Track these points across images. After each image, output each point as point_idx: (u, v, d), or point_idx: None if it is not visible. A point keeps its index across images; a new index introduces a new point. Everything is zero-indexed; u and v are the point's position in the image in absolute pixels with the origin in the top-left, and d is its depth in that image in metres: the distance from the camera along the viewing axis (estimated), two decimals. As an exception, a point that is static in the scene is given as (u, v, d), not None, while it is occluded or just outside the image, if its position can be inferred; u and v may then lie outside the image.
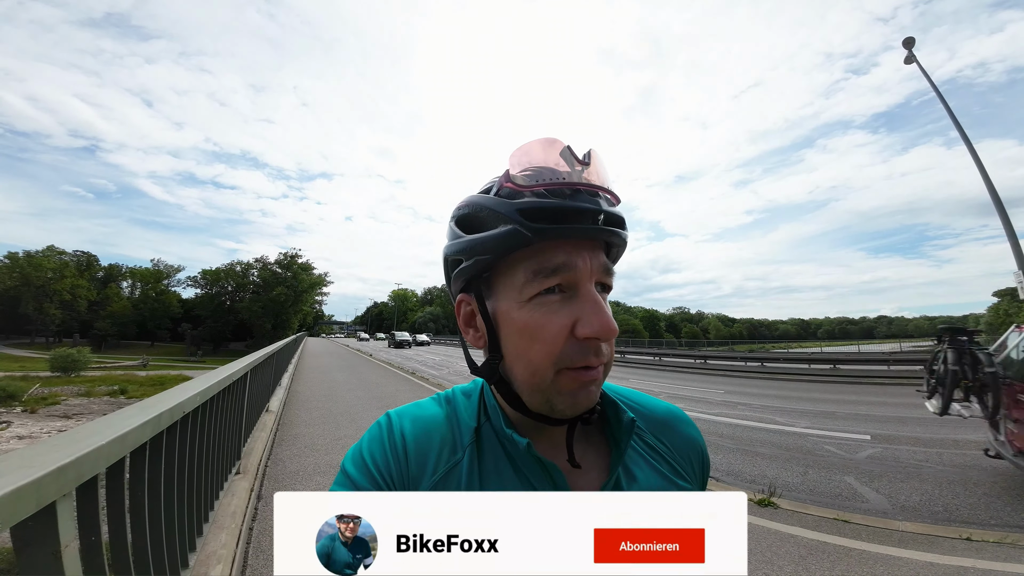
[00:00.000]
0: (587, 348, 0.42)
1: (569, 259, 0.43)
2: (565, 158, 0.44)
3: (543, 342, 0.43)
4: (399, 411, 0.52)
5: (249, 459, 3.52)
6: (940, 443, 5.43)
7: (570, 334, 0.42)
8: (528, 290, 0.44)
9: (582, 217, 0.43)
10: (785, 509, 3.33)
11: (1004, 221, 13.29)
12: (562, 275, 0.43)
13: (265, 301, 64.34)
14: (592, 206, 0.43)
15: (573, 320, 0.43)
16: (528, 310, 0.44)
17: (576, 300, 0.43)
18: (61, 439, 0.92)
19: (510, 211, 0.43)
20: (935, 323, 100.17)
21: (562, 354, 0.43)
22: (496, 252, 0.44)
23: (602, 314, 0.42)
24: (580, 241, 0.44)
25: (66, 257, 64.87)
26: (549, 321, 0.43)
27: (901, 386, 11.42)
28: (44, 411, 18.04)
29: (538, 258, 0.43)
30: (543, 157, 0.45)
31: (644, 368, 18.16)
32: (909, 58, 13.41)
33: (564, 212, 0.42)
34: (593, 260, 0.44)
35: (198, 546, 1.90)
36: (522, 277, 0.44)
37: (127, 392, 22.01)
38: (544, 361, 0.43)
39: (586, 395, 0.44)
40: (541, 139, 0.46)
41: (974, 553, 2.63)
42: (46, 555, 0.72)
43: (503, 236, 0.43)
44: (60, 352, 29.61)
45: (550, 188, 0.43)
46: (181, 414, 1.57)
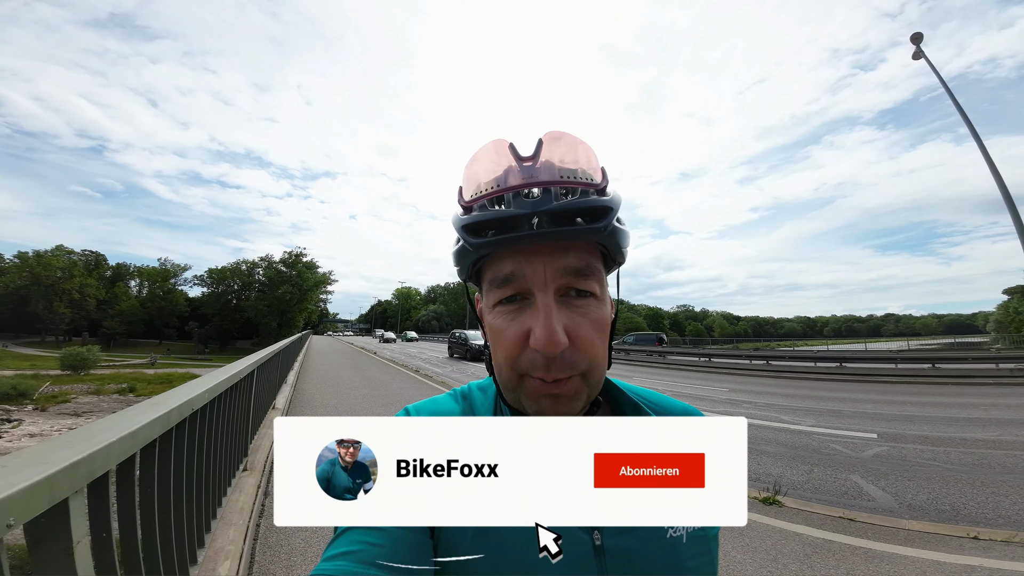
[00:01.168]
0: (539, 359, 0.41)
1: (517, 268, 0.42)
2: (514, 156, 0.44)
3: (503, 348, 0.44)
4: (417, 406, 0.53)
5: (256, 456, 3.55)
6: (948, 442, 5.39)
7: (525, 342, 0.42)
8: (490, 298, 0.45)
9: (517, 224, 0.41)
10: (790, 507, 3.32)
11: (1014, 217, 13.10)
12: (513, 285, 0.43)
13: (271, 299, 64.82)
14: (524, 211, 0.40)
15: (527, 329, 0.42)
16: (494, 316, 0.45)
17: (531, 310, 0.43)
18: (72, 436, 0.93)
19: (458, 228, 0.45)
20: (943, 321, 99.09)
21: (519, 361, 0.43)
22: (461, 266, 0.47)
23: (547, 328, 0.40)
24: (533, 246, 0.42)
25: (75, 256, 65.63)
26: (507, 328, 0.43)
27: (909, 384, 11.34)
28: (55, 409, 18.31)
29: (493, 268, 0.45)
30: (492, 162, 0.44)
31: (647, 367, 18.10)
32: (917, 54, 13.23)
33: (501, 222, 0.41)
34: (549, 266, 0.42)
35: (206, 542, 1.93)
36: (486, 285, 0.46)
37: (136, 390, 22.28)
38: (505, 364, 0.44)
39: (552, 406, 0.43)
40: (489, 143, 0.45)
41: (981, 552, 2.61)
42: (58, 551, 0.73)
43: (458, 253, 0.46)
44: (70, 351, 30.02)
45: (492, 198, 0.43)
46: (190, 411, 1.59)
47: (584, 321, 0.43)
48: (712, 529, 0.49)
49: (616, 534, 0.44)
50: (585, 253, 0.44)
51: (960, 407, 7.72)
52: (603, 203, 0.42)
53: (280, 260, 69.45)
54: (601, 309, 0.45)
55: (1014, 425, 6.10)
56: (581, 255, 0.43)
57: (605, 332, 0.45)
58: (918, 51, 13.36)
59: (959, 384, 10.98)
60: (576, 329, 0.42)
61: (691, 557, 0.45)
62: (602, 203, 0.42)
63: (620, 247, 0.46)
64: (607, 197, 0.43)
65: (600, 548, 0.43)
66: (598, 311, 0.44)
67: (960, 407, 7.72)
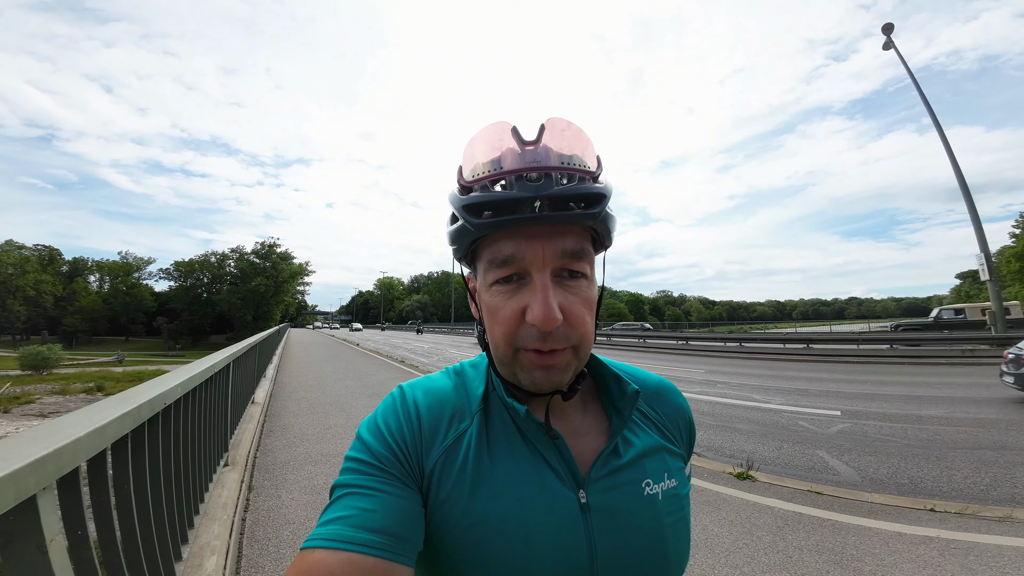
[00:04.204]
0: (534, 333, 0.44)
1: (518, 250, 0.44)
2: (516, 140, 0.45)
3: (500, 324, 0.45)
4: (411, 383, 0.55)
5: (237, 451, 3.48)
6: (905, 418, 5.75)
7: (522, 318, 0.44)
8: (488, 277, 0.46)
9: (520, 206, 0.42)
10: (762, 482, 3.50)
11: (969, 205, 13.88)
12: (512, 265, 0.45)
13: (244, 292, 62.71)
14: (527, 194, 0.42)
15: (524, 306, 0.44)
16: (490, 294, 0.47)
17: (528, 288, 0.45)
18: (38, 431, 0.89)
19: (458, 207, 0.45)
20: (901, 304, 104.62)
21: (517, 336, 0.45)
22: (459, 245, 0.48)
23: (544, 304, 0.42)
24: (532, 228, 0.44)
25: (26, 251, 61.54)
26: (504, 306, 0.45)
27: (870, 364, 12.01)
28: (18, 410, 17.32)
29: (491, 249, 0.46)
30: (494, 144, 0.45)
31: (630, 350, 18.53)
32: (887, 44, 13.65)
33: (503, 204, 0.43)
34: (548, 248, 0.44)
35: (190, 538, 1.89)
36: (484, 265, 0.47)
37: (104, 389, 21.27)
38: (502, 340, 0.46)
39: (545, 376, 0.45)
40: (490, 125, 0.46)
41: (938, 523, 2.79)
42: (31, 549, 0.70)
43: (457, 232, 0.47)
44: (29, 350, 28.32)
45: (494, 179, 0.44)
46: (162, 405, 1.53)
47: (576, 300, 0.45)
48: (683, 488, 0.53)
49: (600, 492, 0.47)
50: (580, 237, 0.46)
51: (916, 386, 8.24)
52: (599, 190, 0.44)
53: (252, 251, 67.05)
54: (591, 289, 0.47)
55: (965, 403, 6.55)
56: (576, 239, 0.45)
57: (593, 310, 0.48)
58: (888, 42, 13.79)
59: (915, 364, 11.69)
60: (569, 307, 0.45)
61: (668, 513, 0.49)
62: (598, 190, 0.44)
63: (610, 232, 0.48)
64: (602, 184, 0.46)
65: (586, 505, 0.46)
66: (588, 291, 0.47)
67: (916, 386, 8.24)
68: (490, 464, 0.47)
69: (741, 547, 2.52)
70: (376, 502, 0.41)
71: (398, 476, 0.45)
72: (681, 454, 0.56)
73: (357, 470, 0.45)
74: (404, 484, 0.45)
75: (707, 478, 3.56)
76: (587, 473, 0.48)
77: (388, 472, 0.44)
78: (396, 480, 0.44)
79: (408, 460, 0.46)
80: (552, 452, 0.48)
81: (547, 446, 0.48)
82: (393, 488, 0.43)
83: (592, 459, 0.49)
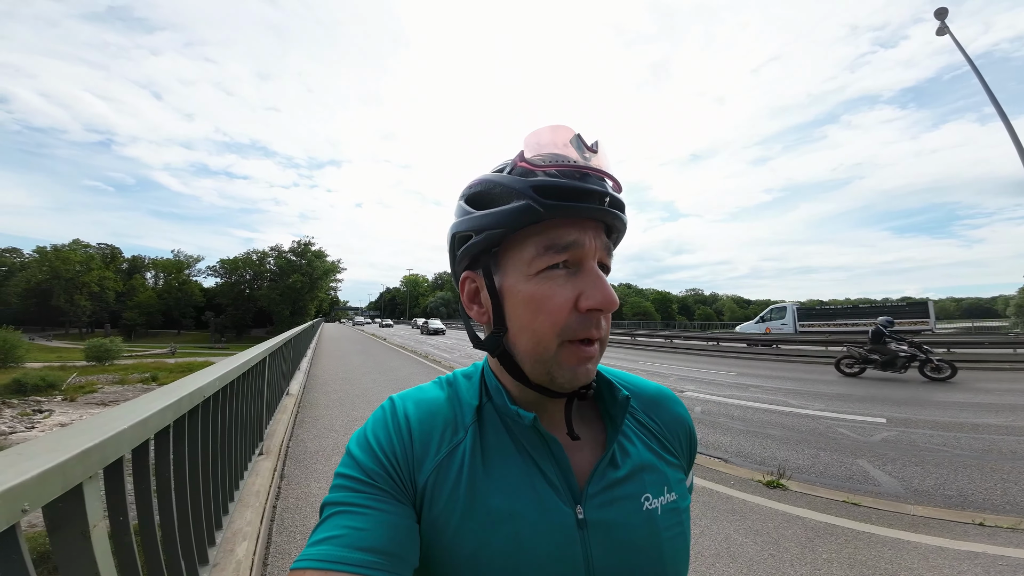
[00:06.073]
0: (589, 320, 0.45)
1: (579, 237, 0.45)
2: (575, 145, 0.47)
3: (548, 313, 0.45)
4: (402, 395, 0.54)
5: (271, 440, 3.68)
6: (959, 427, 5.33)
7: (573, 307, 0.45)
8: (537, 264, 0.45)
9: (590, 197, 0.45)
10: (794, 491, 3.34)
11: (1041, 195, 12.52)
12: (571, 252, 0.45)
13: (282, 288, 65.82)
14: (600, 188, 0.46)
15: (577, 293, 0.45)
16: (535, 283, 0.45)
17: (580, 275, 0.46)
18: (86, 424, 0.98)
19: (524, 188, 0.45)
20: (962, 305, 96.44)
21: (566, 325, 0.45)
22: (509, 226, 0.45)
23: (605, 287, 0.45)
24: (586, 220, 0.46)
25: (91, 250, 67.19)
26: (555, 293, 0.45)
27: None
28: (83, 399, 19.02)
29: (549, 234, 0.45)
30: (555, 142, 0.47)
31: (655, 351, 18.08)
32: (941, 30, 12.55)
33: (574, 192, 0.45)
34: (597, 239, 0.47)
35: (224, 524, 2.02)
36: (532, 252, 0.46)
37: (158, 379, 23.00)
38: (549, 331, 0.45)
39: (584, 371, 0.46)
40: (553, 125, 0.48)
41: (986, 538, 2.60)
42: (76, 535, 0.78)
43: (517, 211, 0.45)
44: (94, 342, 31.00)
45: (561, 169, 0.46)
46: (201, 398, 1.65)
47: None
48: (683, 501, 0.52)
49: (597, 507, 0.47)
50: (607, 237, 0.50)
51: (975, 392, 7.60)
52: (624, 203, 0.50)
53: (289, 249, 70.29)
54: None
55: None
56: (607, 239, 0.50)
57: None
58: (942, 27, 12.70)
59: (974, 369, 10.77)
60: None
61: (666, 528, 0.48)
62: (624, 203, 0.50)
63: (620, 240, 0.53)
64: None
65: (583, 521, 0.46)
66: None
67: (975, 392, 7.60)
68: (485, 480, 0.46)
69: (766, 557, 2.43)
70: (368, 520, 0.41)
71: (390, 492, 0.44)
72: (681, 465, 0.55)
73: (347, 487, 0.44)
74: (397, 500, 0.44)
75: (734, 485, 3.44)
76: (584, 487, 0.47)
77: (380, 488, 0.44)
78: (388, 496, 0.44)
79: (400, 475, 0.45)
80: (550, 464, 0.47)
81: (545, 458, 0.48)
82: (385, 505, 0.43)
83: (589, 471, 0.48)
